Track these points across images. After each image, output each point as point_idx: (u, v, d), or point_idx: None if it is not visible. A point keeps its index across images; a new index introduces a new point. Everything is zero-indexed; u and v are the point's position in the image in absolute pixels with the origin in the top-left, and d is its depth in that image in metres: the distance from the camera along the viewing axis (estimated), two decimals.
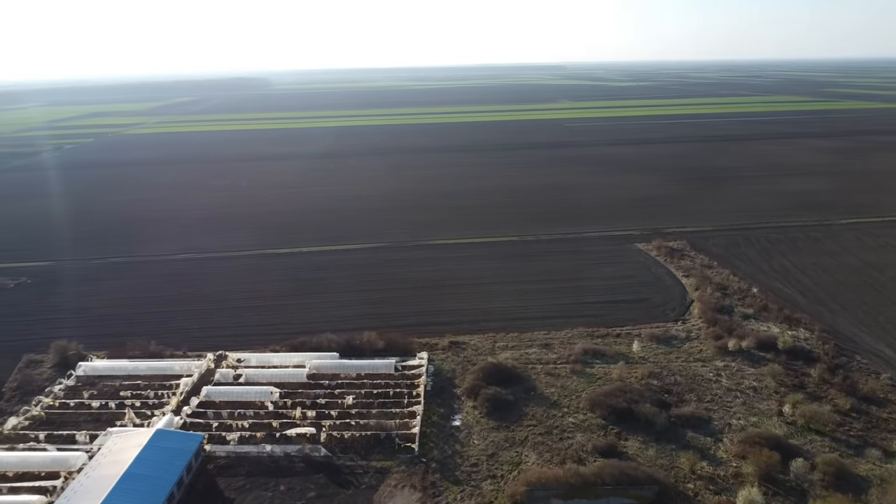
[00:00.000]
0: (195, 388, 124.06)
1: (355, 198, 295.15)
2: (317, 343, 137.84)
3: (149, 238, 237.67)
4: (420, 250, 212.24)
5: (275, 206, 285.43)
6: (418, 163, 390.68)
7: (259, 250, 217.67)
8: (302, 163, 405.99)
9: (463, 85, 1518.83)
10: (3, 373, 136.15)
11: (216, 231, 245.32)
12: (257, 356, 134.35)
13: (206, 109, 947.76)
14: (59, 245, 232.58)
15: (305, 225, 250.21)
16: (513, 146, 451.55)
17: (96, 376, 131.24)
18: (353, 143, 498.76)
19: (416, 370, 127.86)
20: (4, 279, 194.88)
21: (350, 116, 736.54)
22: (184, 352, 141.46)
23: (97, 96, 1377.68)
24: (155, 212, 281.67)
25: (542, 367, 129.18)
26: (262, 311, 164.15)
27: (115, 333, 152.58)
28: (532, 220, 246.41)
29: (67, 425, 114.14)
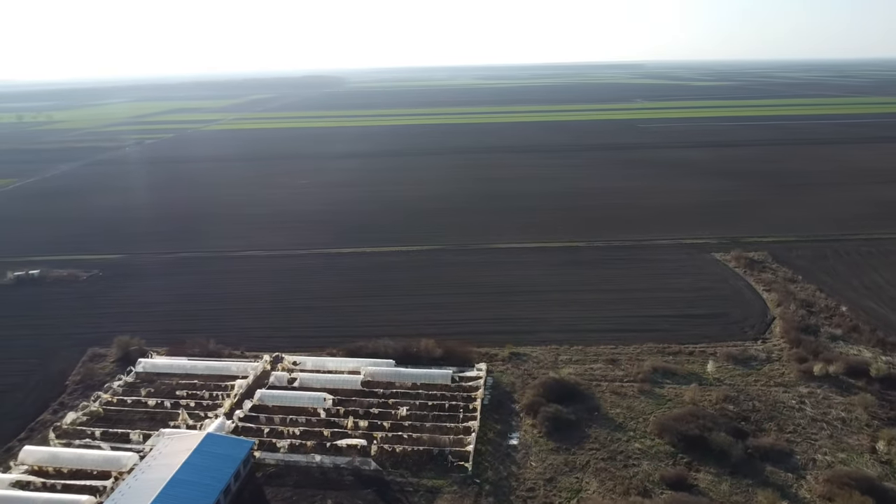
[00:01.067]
0: (249, 390, 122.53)
1: (420, 197, 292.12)
2: (373, 348, 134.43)
3: (218, 234, 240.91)
4: (483, 254, 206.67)
5: (341, 204, 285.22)
6: (483, 163, 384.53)
7: (323, 249, 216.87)
8: (371, 161, 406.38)
9: (533, 84, 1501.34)
10: (68, 365, 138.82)
11: (283, 228, 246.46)
12: (313, 360, 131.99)
13: (281, 106, 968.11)
14: (132, 238, 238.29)
15: (370, 224, 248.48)
16: (582, 147, 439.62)
17: (155, 373, 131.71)
18: (421, 141, 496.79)
19: (474, 382, 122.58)
20: (78, 271, 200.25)
21: (419, 115, 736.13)
22: (242, 351, 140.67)
23: (180, 93, 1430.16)
24: (225, 207, 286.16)
25: (607, 385, 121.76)
26: (322, 312, 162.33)
27: (178, 330, 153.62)
28: (600, 224, 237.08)
29: (123, 423, 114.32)
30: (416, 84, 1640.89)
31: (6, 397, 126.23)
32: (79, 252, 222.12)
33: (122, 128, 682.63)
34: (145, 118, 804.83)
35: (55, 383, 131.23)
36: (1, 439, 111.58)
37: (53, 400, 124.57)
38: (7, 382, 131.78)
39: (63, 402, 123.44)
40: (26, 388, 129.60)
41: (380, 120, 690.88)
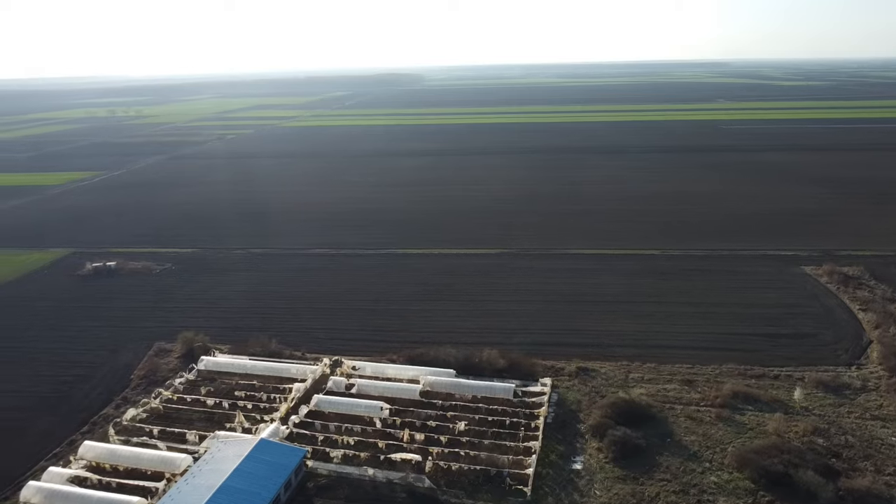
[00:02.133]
0: (307, 394, 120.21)
1: (488, 198, 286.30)
2: (434, 356, 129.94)
3: (288, 230, 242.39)
4: (551, 259, 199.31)
5: (411, 203, 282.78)
6: (556, 164, 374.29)
7: (389, 249, 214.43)
8: (444, 159, 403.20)
9: (611, 83, 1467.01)
10: (135, 358, 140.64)
11: (351, 226, 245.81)
12: (372, 366, 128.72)
13: (357, 104, 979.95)
14: (206, 233, 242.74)
15: (437, 225, 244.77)
16: (659, 148, 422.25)
17: (216, 372, 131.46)
18: (493, 140, 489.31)
19: (538, 398, 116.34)
20: (152, 264, 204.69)
21: (494, 113, 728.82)
22: (303, 353, 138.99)
23: (261, 90, 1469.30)
24: (297, 204, 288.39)
25: (681, 409, 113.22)
26: (385, 315, 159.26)
27: (242, 327, 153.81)
28: (677, 231, 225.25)
29: (181, 422, 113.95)
30: (491, 82, 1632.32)
31: (75, 389, 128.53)
32: (155, 245, 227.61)
33: (206, 123, 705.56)
34: (228, 114, 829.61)
35: (121, 377, 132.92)
36: (66, 431, 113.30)
37: (117, 394, 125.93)
38: (76, 373, 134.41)
39: (126, 397, 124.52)
40: (93, 381, 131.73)
41: (455, 118, 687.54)
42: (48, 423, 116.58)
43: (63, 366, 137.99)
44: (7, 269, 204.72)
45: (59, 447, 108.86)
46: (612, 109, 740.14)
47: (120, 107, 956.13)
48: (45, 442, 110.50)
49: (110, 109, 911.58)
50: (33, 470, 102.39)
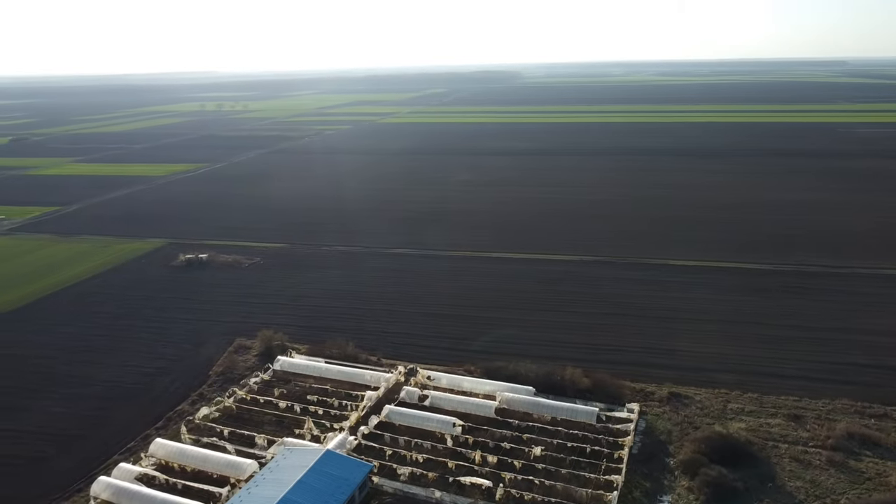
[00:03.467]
0: (378, 403, 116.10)
1: (579, 201, 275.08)
2: (513, 371, 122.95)
3: (375, 229, 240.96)
4: (641, 270, 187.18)
5: (501, 203, 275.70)
6: (646, 166, 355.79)
7: (475, 252, 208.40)
8: (538, 159, 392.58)
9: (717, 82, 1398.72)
10: (215, 353, 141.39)
11: (438, 226, 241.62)
12: (447, 377, 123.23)
13: (454, 101, 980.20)
14: (296, 228, 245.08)
15: (525, 227, 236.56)
16: (766, 152, 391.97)
17: (291, 373, 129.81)
18: (590, 140, 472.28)
19: (623, 425, 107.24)
20: (242, 257, 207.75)
21: (592, 112, 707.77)
22: (378, 358, 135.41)
23: (361, 86, 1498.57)
24: (386, 202, 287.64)
25: (786, 448, 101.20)
26: (464, 322, 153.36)
27: (321, 327, 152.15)
28: (784, 244, 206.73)
29: (251, 424, 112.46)
30: (589, 80, 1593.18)
31: (155, 382, 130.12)
32: (246, 238, 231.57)
33: (305, 119, 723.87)
34: (327, 110, 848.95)
35: (199, 372, 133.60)
36: (141, 426, 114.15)
37: (194, 390, 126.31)
38: (159, 366, 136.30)
39: (202, 394, 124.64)
40: (174, 374, 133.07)
41: (551, 117, 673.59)
42: (127, 415, 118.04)
43: (148, 357, 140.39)
44: (107, 257, 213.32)
45: (134, 441, 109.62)
46: (711, 110, 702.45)
47: (228, 101, 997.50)
48: (122, 435, 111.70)
49: (219, 104, 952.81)
50: (106, 463, 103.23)
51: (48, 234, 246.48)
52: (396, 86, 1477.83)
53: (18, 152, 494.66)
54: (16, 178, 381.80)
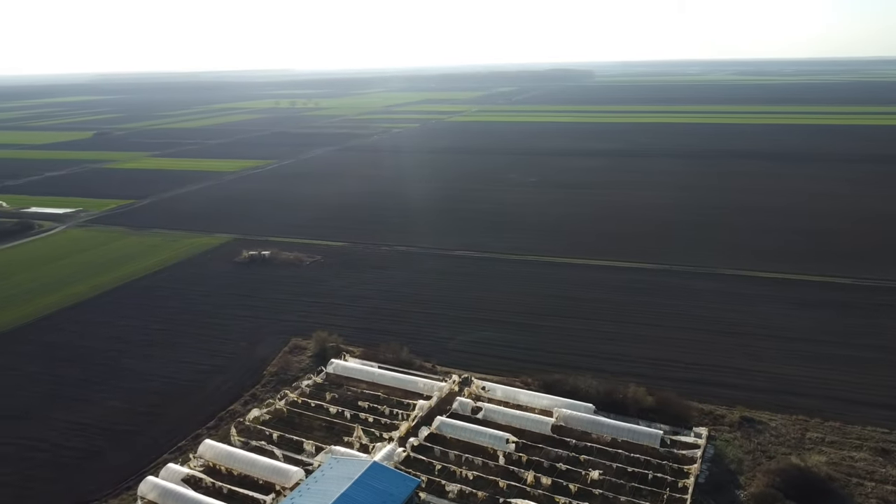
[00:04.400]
0: (430, 414, 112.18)
1: (653, 205, 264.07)
2: (572, 385, 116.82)
3: (437, 229, 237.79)
4: (713, 280, 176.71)
5: (568, 207, 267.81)
6: (732, 169, 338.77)
7: (539, 256, 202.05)
8: (609, 160, 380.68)
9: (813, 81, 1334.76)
10: (271, 353, 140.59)
11: (503, 229, 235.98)
12: (503, 389, 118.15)
13: (524, 100, 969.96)
14: (358, 226, 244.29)
15: (594, 232, 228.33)
16: (862, 158, 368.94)
17: (344, 377, 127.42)
18: (666, 141, 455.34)
19: (690, 451, 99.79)
20: (303, 255, 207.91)
21: (669, 112, 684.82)
22: (433, 365, 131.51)
23: (431, 84, 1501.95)
24: (451, 201, 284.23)
25: (872, 488, 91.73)
26: (523, 330, 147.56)
27: (377, 329, 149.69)
28: (875, 258, 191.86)
29: (301, 429, 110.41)
30: (667, 79, 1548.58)
31: (210, 379, 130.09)
32: (309, 236, 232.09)
33: (375, 116, 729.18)
34: (396, 108, 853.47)
35: (254, 371, 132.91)
36: (193, 425, 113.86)
37: (247, 390, 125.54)
38: (215, 363, 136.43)
39: (255, 394, 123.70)
40: (229, 372, 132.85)
41: (626, 116, 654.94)
42: (180, 412, 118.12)
43: (204, 354, 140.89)
44: (175, 252, 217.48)
45: (185, 440, 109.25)
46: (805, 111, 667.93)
47: (301, 99, 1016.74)
48: (174, 433, 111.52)
49: (292, 101, 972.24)
50: (156, 462, 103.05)
51: (121, 227, 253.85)
52: (466, 84, 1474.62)
53: (101, 146, 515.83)
54: (96, 171, 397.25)
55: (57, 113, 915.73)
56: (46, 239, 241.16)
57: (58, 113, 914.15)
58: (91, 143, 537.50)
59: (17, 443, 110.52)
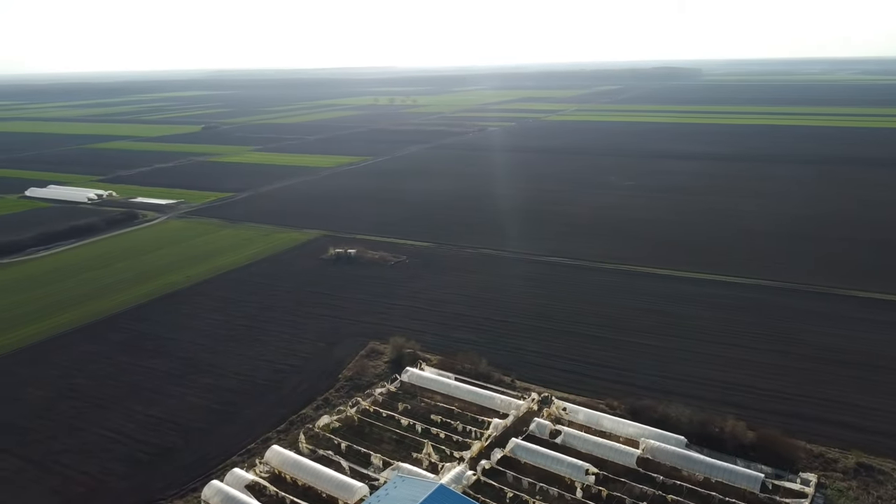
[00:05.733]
0: (504, 434, 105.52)
1: (754, 215, 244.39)
2: (662, 413, 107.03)
3: (527, 232, 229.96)
4: (825, 301, 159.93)
5: (669, 214, 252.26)
6: (854, 177, 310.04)
7: (635, 266, 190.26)
8: (718, 165, 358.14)
9: None
10: (347, 356, 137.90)
11: (597, 235, 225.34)
12: (585, 412, 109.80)
13: (626, 99, 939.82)
14: (445, 227, 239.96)
15: (696, 242, 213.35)
16: None
17: (419, 387, 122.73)
18: (780, 145, 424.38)
19: (795, 500, 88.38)
20: (388, 255, 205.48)
21: (783, 114, 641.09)
22: (512, 379, 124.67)
23: (531, 82, 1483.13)
24: (544, 203, 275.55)
25: None
26: (613, 347, 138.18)
27: (457, 337, 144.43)
28: None
29: (370, 440, 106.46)
30: (784, 78, 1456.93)
31: (287, 380, 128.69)
32: (396, 235, 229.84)
33: (471, 114, 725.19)
34: (493, 106, 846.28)
35: (329, 374, 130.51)
36: (263, 427, 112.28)
37: (321, 394, 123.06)
38: (292, 363, 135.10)
39: (327, 399, 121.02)
40: (305, 373, 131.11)
41: (736, 118, 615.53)
42: (252, 413, 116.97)
43: (283, 353, 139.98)
44: (265, 246, 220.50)
45: (255, 443, 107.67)
46: None
47: (399, 96, 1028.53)
48: (244, 434, 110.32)
49: (391, 98, 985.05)
50: (224, 464, 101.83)
51: (218, 220, 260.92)
52: (567, 82, 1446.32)
53: (207, 139, 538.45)
54: (201, 164, 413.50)
55: (170, 107, 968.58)
56: (148, 229, 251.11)
57: (171, 107, 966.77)
58: (199, 137, 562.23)
59: (100, 433, 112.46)
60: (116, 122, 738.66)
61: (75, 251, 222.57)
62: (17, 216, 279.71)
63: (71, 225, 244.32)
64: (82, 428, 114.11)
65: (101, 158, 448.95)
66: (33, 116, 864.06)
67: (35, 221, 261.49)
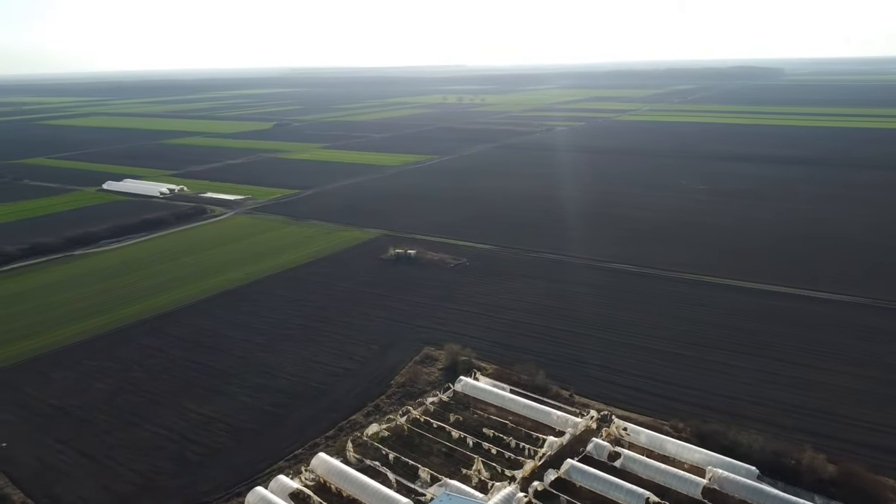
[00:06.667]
0: (559, 454, 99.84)
1: (840, 225, 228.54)
2: (732, 440, 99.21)
3: (593, 237, 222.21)
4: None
5: (743, 221, 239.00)
6: None
7: (708, 276, 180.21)
8: (799, 169, 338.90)
9: None
10: (401, 361, 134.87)
11: (667, 241, 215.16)
12: (647, 434, 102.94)
13: (702, 98, 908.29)
14: (507, 228, 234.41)
15: (768, 250, 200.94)
16: None
17: (472, 397, 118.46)
18: (866, 149, 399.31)
19: None
20: (448, 257, 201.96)
21: (872, 117, 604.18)
22: (570, 393, 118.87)
23: (604, 81, 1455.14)
24: (611, 206, 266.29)
25: None
26: (681, 364, 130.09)
27: (515, 346, 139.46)
28: None
29: (419, 452, 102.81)
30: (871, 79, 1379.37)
31: (339, 383, 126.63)
32: (457, 236, 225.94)
33: (539, 114, 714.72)
34: (562, 105, 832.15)
35: (381, 379, 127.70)
36: (313, 432, 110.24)
37: (372, 399, 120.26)
38: (345, 366, 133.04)
39: (378, 405, 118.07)
40: (358, 377, 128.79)
41: (820, 120, 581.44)
42: (302, 417, 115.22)
43: (337, 355, 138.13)
44: (326, 244, 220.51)
45: (302, 448, 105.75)
46: None
47: (468, 94, 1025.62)
48: (293, 438, 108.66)
49: (459, 96, 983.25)
50: (271, 469, 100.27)
51: (282, 216, 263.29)
52: (640, 81, 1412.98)
53: (278, 136, 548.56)
54: (270, 160, 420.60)
55: (245, 104, 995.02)
56: (214, 224, 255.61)
57: (246, 104, 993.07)
58: (269, 134, 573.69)
59: (153, 430, 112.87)
60: (193, 119, 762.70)
61: (144, 244, 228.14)
62: (93, 208, 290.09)
63: (142, 219, 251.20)
64: (137, 423, 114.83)
65: (176, 153, 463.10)
66: (115, 112, 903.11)
67: (110, 214, 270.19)
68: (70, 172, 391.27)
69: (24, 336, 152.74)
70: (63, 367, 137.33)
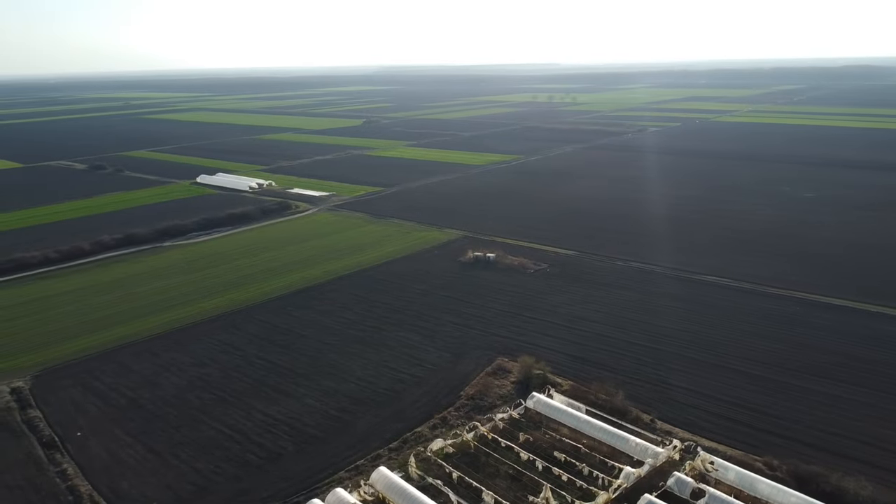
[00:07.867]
0: (636, 487, 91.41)
1: None
2: (836, 485, 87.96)
3: (685, 246, 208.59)
4: None
5: (847, 231, 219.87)
6: None
7: (807, 294, 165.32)
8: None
9: None
10: (471, 371, 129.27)
11: (767, 253, 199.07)
12: (737, 471, 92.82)
13: (811, 99, 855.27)
14: (594, 234, 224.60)
15: (881, 267, 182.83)
16: None
17: (544, 416, 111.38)
18: None
19: None
20: (529, 261, 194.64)
21: None
22: (652, 418, 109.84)
23: (702, 80, 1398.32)
24: (705, 214, 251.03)
25: None
26: (777, 392, 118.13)
27: (594, 361, 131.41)
28: None
29: (484, 472, 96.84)
30: None
31: (406, 392, 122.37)
32: (539, 240, 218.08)
33: (633, 113, 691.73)
34: (657, 105, 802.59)
35: (451, 390, 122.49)
36: (377, 441, 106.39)
37: (440, 411, 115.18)
38: (414, 374, 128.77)
39: (445, 418, 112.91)
40: (426, 387, 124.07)
41: None
42: (368, 424, 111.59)
43: (407, 361, 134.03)
44: (405, 244, 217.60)
45: (364, 459, 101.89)
46: None
47: (559, 93, 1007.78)
48: (356, 447, 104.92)
49: (550, 95, 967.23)
50: (331, 479, 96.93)
51: (363, 214, 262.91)
52: (742, 81, 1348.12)
53: (367, 133, 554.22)
54: (357, 157, 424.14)
55: (338, 101, 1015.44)
56: (297, 220, 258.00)
57: (338, 101, 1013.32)
58: (358, 131, 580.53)
59: (219, 429, 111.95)
60: (286, 115, 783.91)
61: (229, 238, 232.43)
62: (186, 201, 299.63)
63: (229, 212, 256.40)
64: (204, 421, 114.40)
65: (268, 149, 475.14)
66: (214, 108, 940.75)
67: (201, 207, 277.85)
68: (168, 165, 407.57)
69: (107, 326, 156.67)
70: (141, 358, 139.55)
